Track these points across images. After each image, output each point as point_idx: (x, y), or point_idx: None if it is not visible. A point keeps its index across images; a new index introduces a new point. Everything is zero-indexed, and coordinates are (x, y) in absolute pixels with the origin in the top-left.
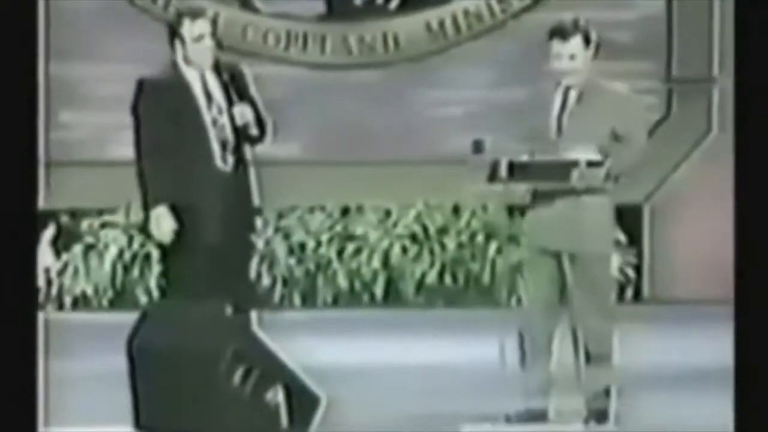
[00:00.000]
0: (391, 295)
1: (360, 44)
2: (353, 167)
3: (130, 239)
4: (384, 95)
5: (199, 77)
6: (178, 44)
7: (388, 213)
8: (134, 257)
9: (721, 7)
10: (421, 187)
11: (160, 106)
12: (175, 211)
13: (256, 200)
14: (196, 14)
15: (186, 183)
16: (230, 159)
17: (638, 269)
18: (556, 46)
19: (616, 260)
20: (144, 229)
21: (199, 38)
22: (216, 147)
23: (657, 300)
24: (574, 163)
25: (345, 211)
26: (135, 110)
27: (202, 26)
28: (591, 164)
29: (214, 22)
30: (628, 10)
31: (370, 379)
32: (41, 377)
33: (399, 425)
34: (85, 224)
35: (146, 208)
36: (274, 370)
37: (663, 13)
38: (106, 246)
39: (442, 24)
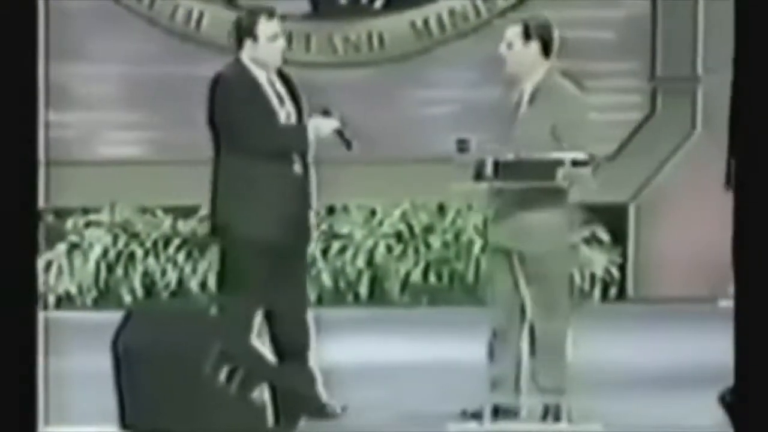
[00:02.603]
0: (376, 294)
1: (345, 43)
2: (338, 166)
3: (115, 238)
4: (369, 94)
5: (267, 78)
6: (249, 43)
7: (373, 212)
8: (119, 256)
9: (705, 7)
10: (407, 186)
11: (239, 104)
12: (247, 210)
13: (313, 203)
14: (271, 13)
15: (265, 188)
16: (300, 161)
17: (623, 268)
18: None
19: (600, 260)
20: (213, 234)
21: (274, 38)
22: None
23: (641, 299)
24: (560, 162)
25: (330, 210)
26: (211, 109)
27: (276, 25)
28: (576, 163)
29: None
30: (612, 9)
31: (355, 378)
32: (41, 376)
33: (384, 424)
34: (69, 223)
35: (216, 213)
36: (259, 369)
37: (647, 12)
38: (91, 245)
39: (427, 23)
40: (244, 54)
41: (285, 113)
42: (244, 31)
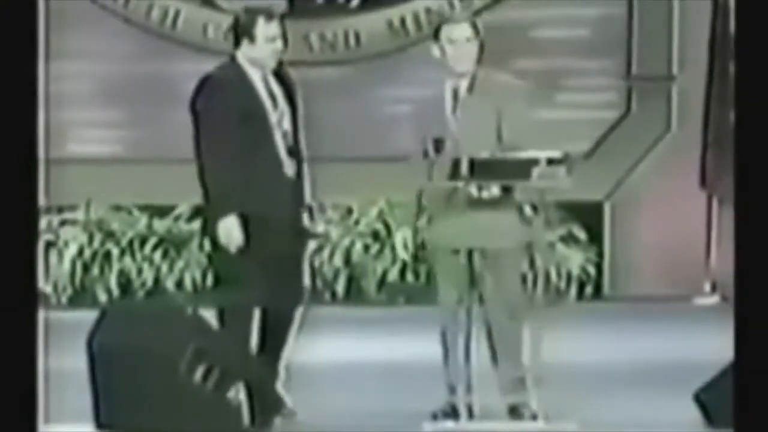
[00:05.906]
0: (353, 293)
1: (321, 42)
2: (315, 164)
3: (90, 237)
4: (345, 93)
5: (262, 78)
6: (245, 43)
7: (349, 210)
8: (94, 255)
9: (681, 6)
10: (383, 185)
11: (226, 104)
12: (243, 218)
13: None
14: (270, 14)
15: (255, 190)
16: (293, 165)
17: (599, 267)
18: (448, 30)
19: (577, 258)
20: (204, 233)
21: (273, 39)
22: (283, 153)
23: (617, 298)
24: (535, 161)
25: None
26: (194, 107)
27: (276, 27)
28: (551, 162)
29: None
30: (587, 7)
31: (332, 377)
32: (41, 376)
33: (360, 423)
34: (44, 221)
35: (207, 211)
36: (235, 369)
37: (623, 11)
38: (66, 243)
39: (403, 22)
40: (241, 53)
41: (278, 114)
42: (242, 31)
